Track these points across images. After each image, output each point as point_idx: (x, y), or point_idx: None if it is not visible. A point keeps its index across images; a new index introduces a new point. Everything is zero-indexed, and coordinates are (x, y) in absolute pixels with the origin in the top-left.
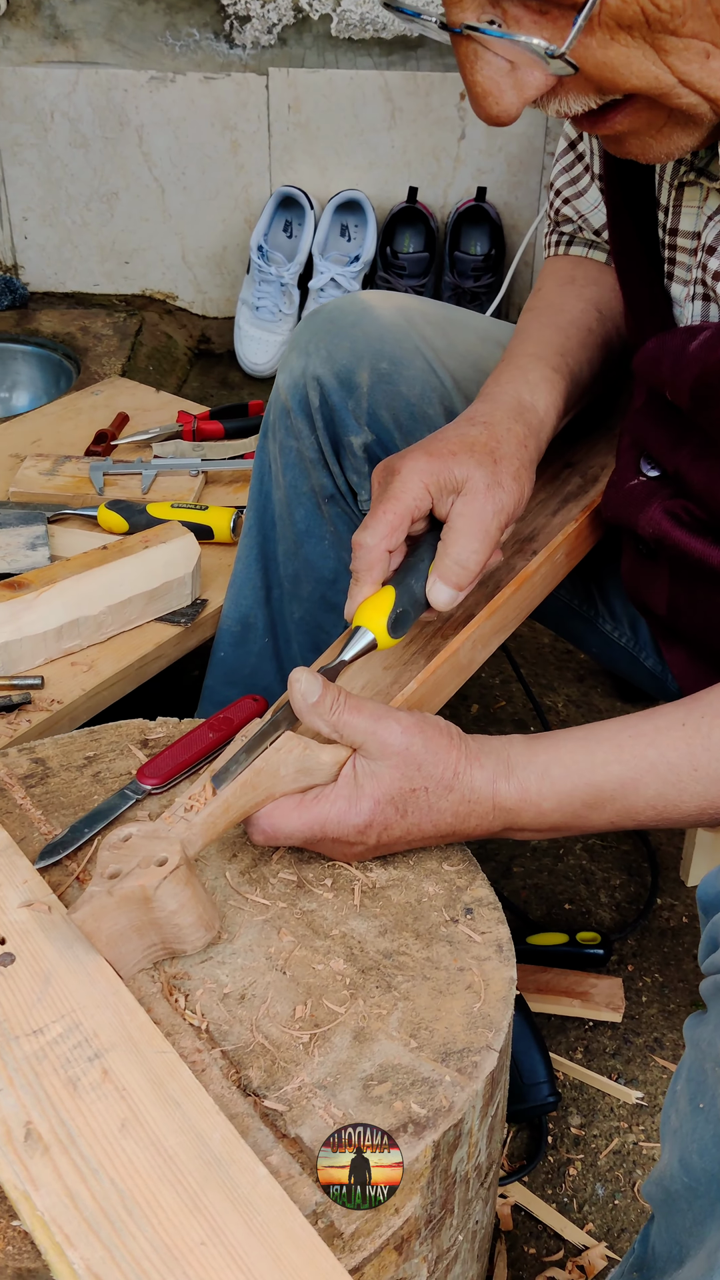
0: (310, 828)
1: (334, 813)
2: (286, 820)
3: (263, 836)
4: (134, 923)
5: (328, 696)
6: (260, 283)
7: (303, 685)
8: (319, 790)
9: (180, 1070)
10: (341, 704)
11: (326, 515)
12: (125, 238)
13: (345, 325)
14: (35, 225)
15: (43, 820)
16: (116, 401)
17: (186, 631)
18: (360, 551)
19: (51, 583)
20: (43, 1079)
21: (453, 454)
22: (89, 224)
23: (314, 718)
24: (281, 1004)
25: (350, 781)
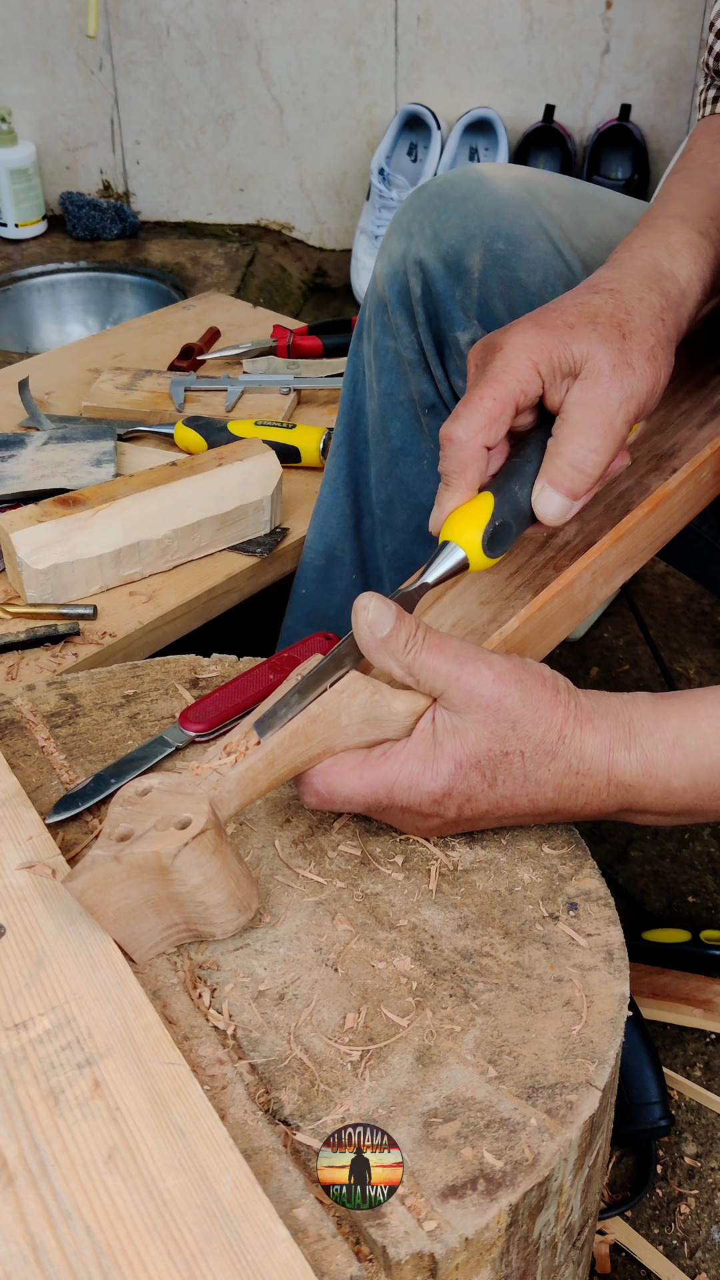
0: (375, 791)
1: (405, 775)
2: (346, 780)
3: (316, 799)
4: (149, 897)
5: (402, 631)
6: (381, 209)
7: (371, 614)
8: (388, 746)
9: (190, 1089)
10: (419, 641)
11: (426, 429)
12: (240, 163)
13: (455, 199)
14: (148, 149)
15: (65, 766)
16: (209, 316)
17: (263, 563)
18: (451, 448)
19: (110, 500)
20: (18, 1087)
21: (570, 327)
22: (203, 148)
23: (384, 656)
24: (329, 1009)
25: (427, 738)
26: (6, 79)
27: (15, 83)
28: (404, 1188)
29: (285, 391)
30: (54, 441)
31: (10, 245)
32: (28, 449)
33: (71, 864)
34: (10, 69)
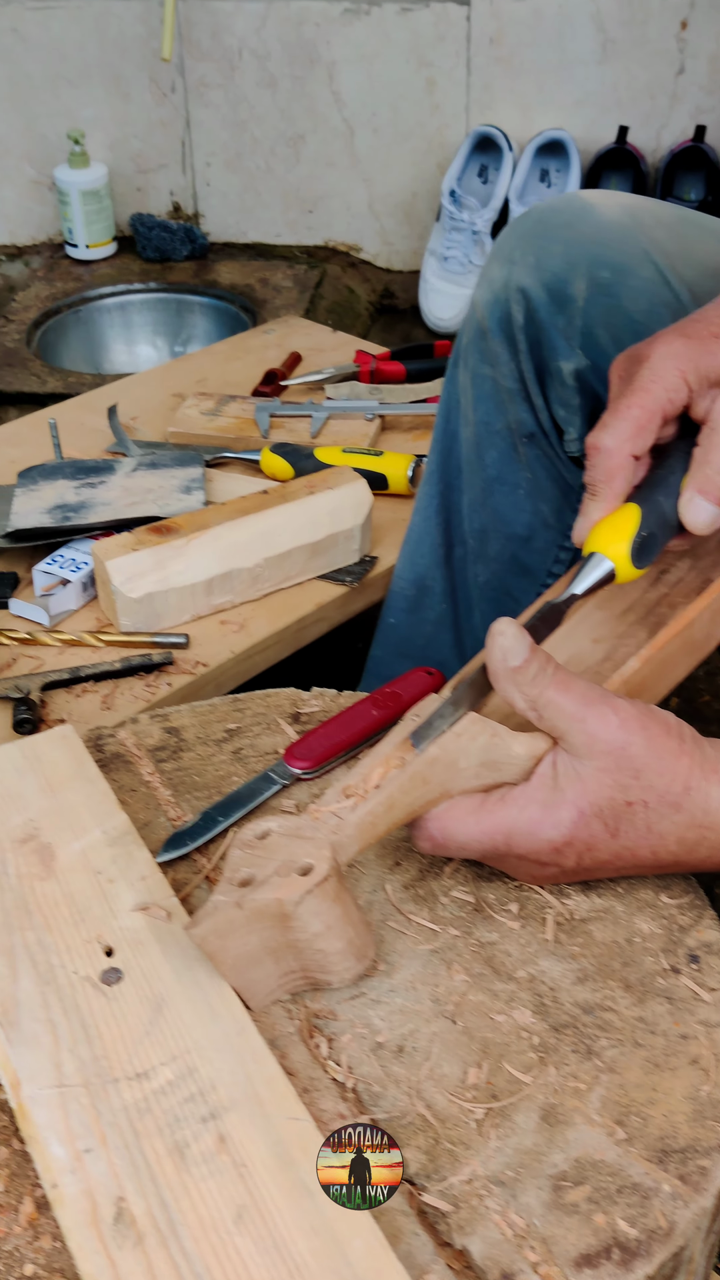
0: (492, 838)
1: (524, 821)
2: (462, 826)
3: (430, 844)
4: (268, 944)
5: (534, 662)
6: (451, 230)
7: (507, 640)
8: (505, 791)
9: (316, 1147)
10: (548, 676)
11: (523, 458)
12: (310, 184)
13: (558, 226)
14: (218, 171)
15: (171, 802)
16: (290, 341)
17: (353, 592)
18: (598, 457)
19: (203, 529)
20: (143, 1140)
21: (717, 337)
22: (273, 169)
23: (511, 686)
24: (450, 1063)
25: (547, 783)
26: (80, 102)
27: (89, 105)
28: (535, 1254)
29: (370, 417)
30: (143, 468)
31: (81, 266)
32: (117, 475)
33: (183, 905)
34: (84, 92)
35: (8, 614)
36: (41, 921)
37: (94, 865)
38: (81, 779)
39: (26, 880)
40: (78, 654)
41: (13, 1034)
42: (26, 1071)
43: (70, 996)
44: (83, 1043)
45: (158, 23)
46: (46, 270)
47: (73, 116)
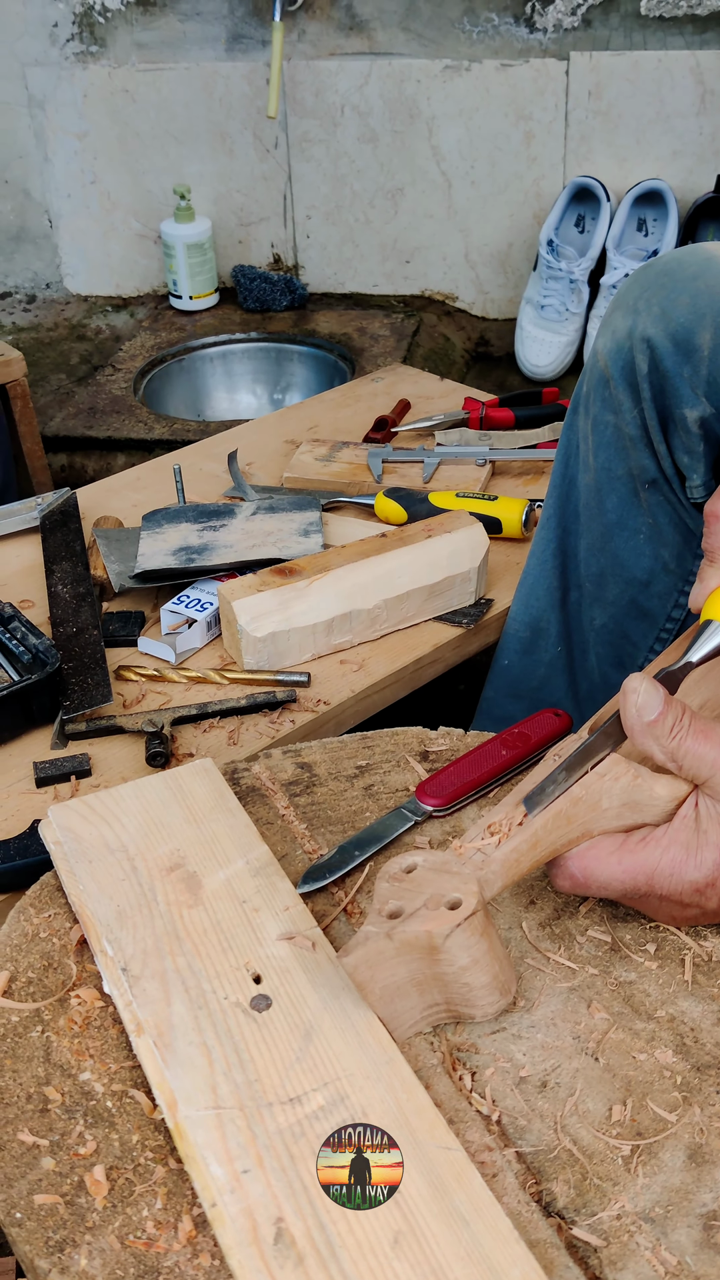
0: (634, 878)
1: (666, 862)
2: (603, 865)
3: (570, 882)
4: (414, 976)
5: (669, 715)
6: (548, 280)
7: (641, 697)
8: (648, 832)
9: (470, 1176)
10: (685, 727)
11: (645, 504)
12: (407, 236)
13: (684, 278)
14: (318, 223)
15: (307, 835)
16: (398, 389)
17: (468, 634)
18: (716, 524)
19: (324, 571)
20: (299, 1163)
21: None
22: (371, 222)
23: (648, 740)
24: (594, 1100)
25: (689, 825)
26: (187, 158)
27: (195, 162)
28: None
29: (481, 463)
30: (262, 512)
31: (185, 316)
32: (238, 519)
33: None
34: (191, 149)
35: (136, 651)
36: (191, 948)
37: (239, 894)
38: (223, 810)
39: (175, 907)
40: (202, 691)
41: (168, 1056)
42: (183, 1093)
43: (222, 1021)
44: (236, 1067)
45: (263, 82)
46: (151, 320)
47: (179, 172)
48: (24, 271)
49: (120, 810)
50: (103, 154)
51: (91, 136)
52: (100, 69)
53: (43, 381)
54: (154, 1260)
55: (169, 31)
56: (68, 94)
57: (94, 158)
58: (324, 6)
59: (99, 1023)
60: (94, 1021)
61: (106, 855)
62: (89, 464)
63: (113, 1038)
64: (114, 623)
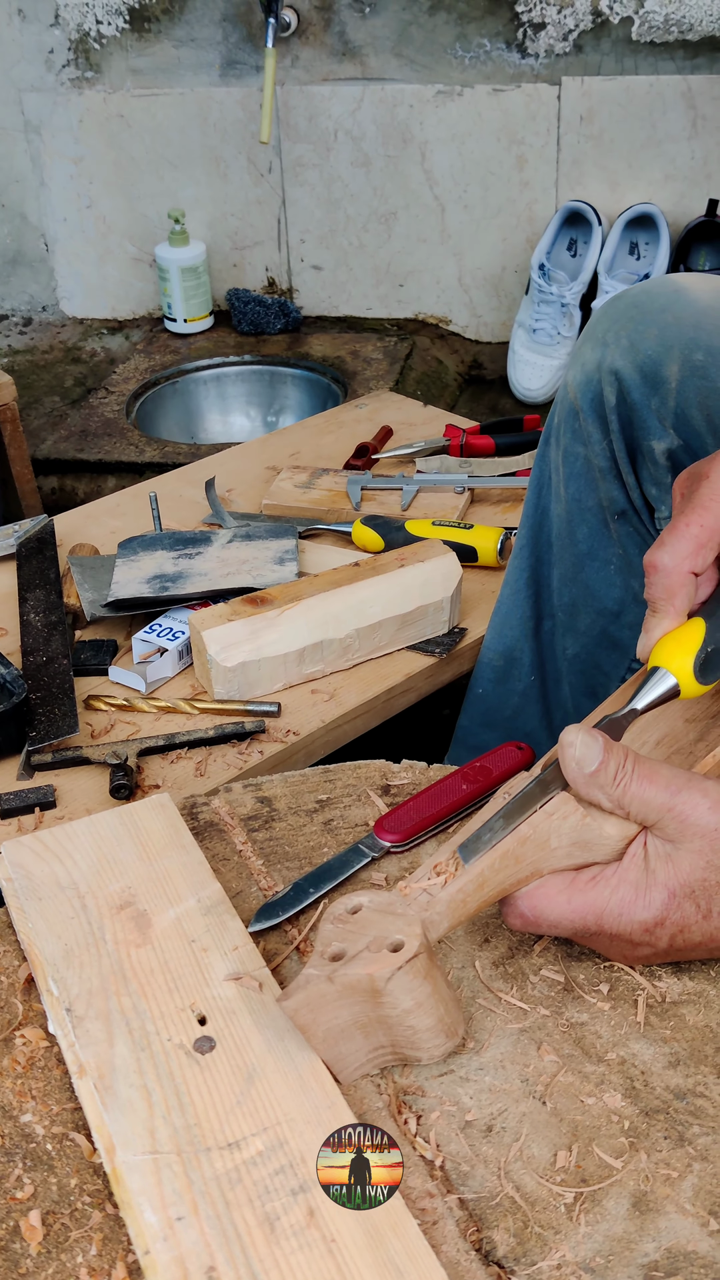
0: (583, 917)
1: (616, 902)
2: (553, 904)
3: (520, 921)
4: (358, 1018)
5: (610, 763)
6: (540, 303)
7: (578, 751)
8: (598, 871)
9: (406, 1225)
10: (629, 773)
11: (615, 534)
12: (401, 259)
13: (653, 310)
14: (312, 247)
15: (263, 872)
16: (381, 415)
17: (441, 663)
18: (657, 575)
19: (296, 600)
20: (234, 1211)
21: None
22: (365, 246)
23: (593, 790)
24: (539, 1145)
25: (639, 864)
26: (181, 182)
27: (189, 186)
28: None
29: (460, 491)
30: (238, 539)
31: (179, 339)
32: (214, 547)
33: (274, 975)
34: (185, 173)
35: (107, 680)
36: (137, 988)
37: (188, 933)
38: (177, 847)
39: (124, 946)
40: (172, 720)
41: (108, 1099)
42: (121, 1137)
43: (164, 1063)
44: (176, 1110)
45: (257, 107)
46: (146, 343)
47: (173, 197)
48: (20, 295)
49: (73, 846)
50: (98, 178)
51: (87, 161)
52: (96, 94)
53: (36, 404)
54: None
55: (163, 58)
56: (64, 119)
57: (90, 182)
58: (317, 33)
59: (43, 1063)
60: (38, 1062)
61: (57, 893)
62: (80, 486)
63: (56, 1079)
64: (85, 651)
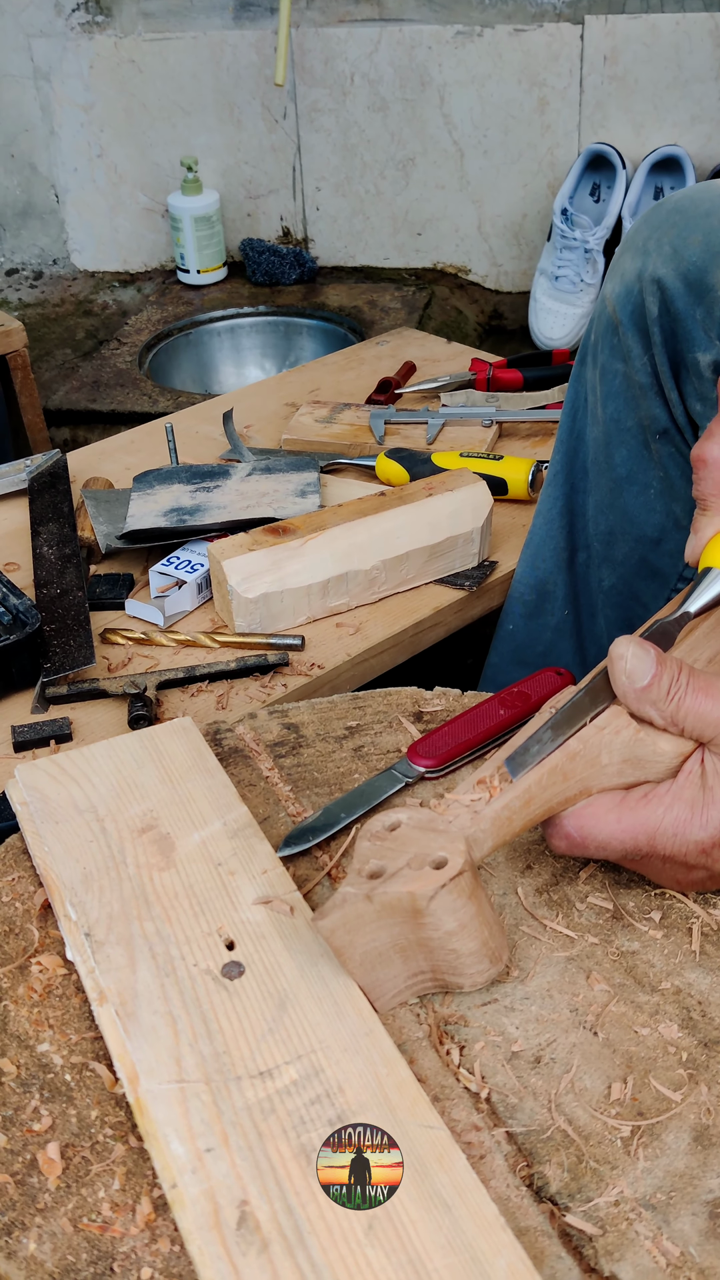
0: (634, 838)
1: (670, 821)
2: (602, 824)
3: (566, 843)
4: (397, 941)
5: (664, 677)
6: (562, 249)
7: (628, 663)
8: (650, 789)
9: (453, 1158)
10: (683, 687)
11: (656, 456)
12: (419, 207)
13: (697, 215)
14: (328, 195)
15: (291, 798)
16: (404, 352)
17: (471, 597)
18: (706, 470)
19: (320, 530)
20: (267, 1142)
21: None
22: (382, 193)
23: (644, 706)
24: (592, 1077)
25: (694, 782)
26: (193, 130)
27: (202, 133)
28: None
29: (487, 424)
30: (258, 473)
31: (192, 291)
32: (232, 480)
33: (305, 900)
34: (198, 120)
35: (124, 615)
36: (161, 912)
37: (214, 857)
38: (201, 771)
39: (146, 870)
40: (192, 655)
41: (131, 1026)
42: (145, 1065)
43: (190, 990)
44: (204, 1038)
45: (271, 50)
46: (158, 295)
47: (186, 144)
48: (31, 248)
49: (91, 770)
50: (109, 126)
51: (98, 108)
52: (106, 39)
53: (47, 357)
54: (108, 1245)
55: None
56: (73, 65)
57: (100, 130)
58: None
59: (60, 991)
60: (55, 990)
61: (75, 816)
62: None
63: (74, 1007)
64: (101, 585)
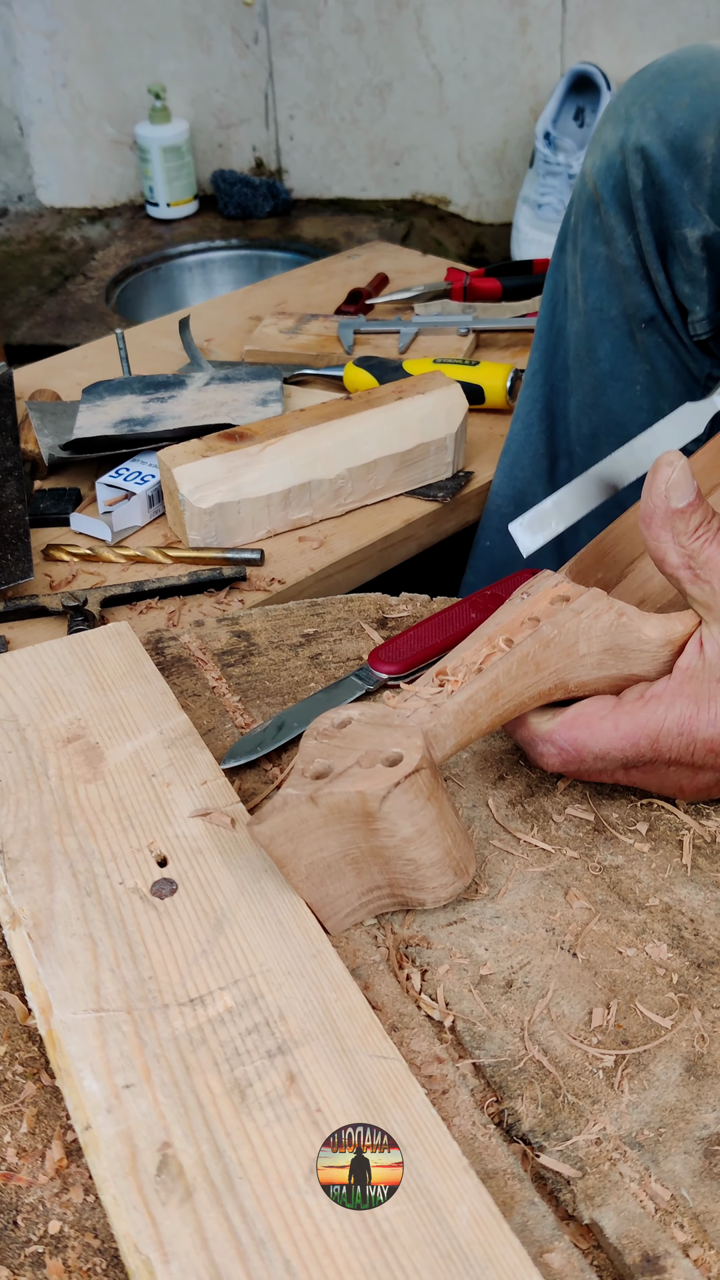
0: (635, 743)
1: (674, 719)
2: (598, 733)
3: (560, 758)
4: (348, 851)
5: (699, 512)
6: (545, 175)
7: (676, 474)
8: (645, 688)
9: (410, 1092)
10: (714, 531)
11: (641, 347)
12: (396, 135)
13: (683, 77)
14: (302, 124)
15: (239, 709)
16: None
17: (444, 510)
18: None
19: (280, 435)
20: (196, 1077)
21: None
22: (358, 120)
23: (666, 533)
24: (570, 1002)
25: (696, 675)
26: (161, 55)
27: (169, 59)
28: (687, 1234)
29: (464, 333)
30: (216, 382)
31: (162, 225)
32: (188, 390)
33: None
34: (165, 45)
35: (70, 531)
36: (85, 827)
37: (148, 768)
38: (137, 678)
39: (70, 782)
40: (143, 570)
41: (45, 950)
42: (60, 994)
43: (115, 910)
44: (128, 962)
45: None
46: (127, 230)
47: (154, 71)
48: None
49: (14, 677)
50: (74, 54)
51: (61, 35)
52: None
53: (12, 295)
54: (12, 1196)
55: None
56: None
57: (64, 58)
58: None
59: None
60: None
61: None
62: None
63: None
64: (45, 500)
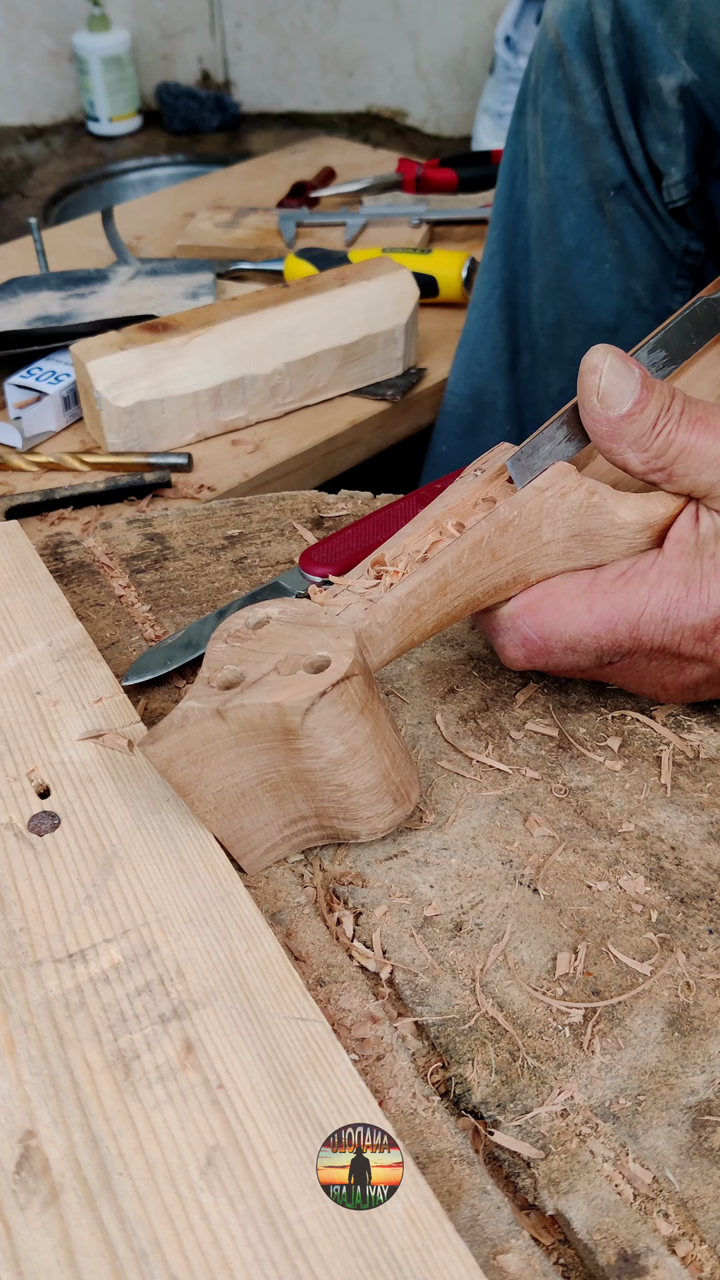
0: (612, 629)
1: (658, 602)
2: (568, 617)
3: (524, 649)
4: (265, 776)
5: (651, 404)
6: (507, 82)
7: (603, 380)
8: (629, 565)
9: (333, 1060)
10: (675, 418)
11: (610, 220)
12: (350, 44)
13: None
14: (250, 32)
15: (150, 619)
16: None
17: (395, 410)
18: None
19: (208, 325)
20: (71, 1049)
21: None
22: (309, 28)
23: (619, 444)
24: (531, 947)
25: (687, 551)
26: None
27: None
28: (673, 1226)
29: (416, 224)
30: (142, 276)
31: (104, 142)
32: (111, 284)
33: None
34: None
35: None
36: None
37: (33, 684)
38: (25, 583)
39: None
40: (56, 478)
41: None
42: None
43: None
44: None
45: None
46: (67, 148)
47: None
48: None
49: None
50: None
51: None
52: None
53: None
54: None
55: None
56: None
57: None
58: None
59: None
60: None
61: None
62: None
63: None
64: None
